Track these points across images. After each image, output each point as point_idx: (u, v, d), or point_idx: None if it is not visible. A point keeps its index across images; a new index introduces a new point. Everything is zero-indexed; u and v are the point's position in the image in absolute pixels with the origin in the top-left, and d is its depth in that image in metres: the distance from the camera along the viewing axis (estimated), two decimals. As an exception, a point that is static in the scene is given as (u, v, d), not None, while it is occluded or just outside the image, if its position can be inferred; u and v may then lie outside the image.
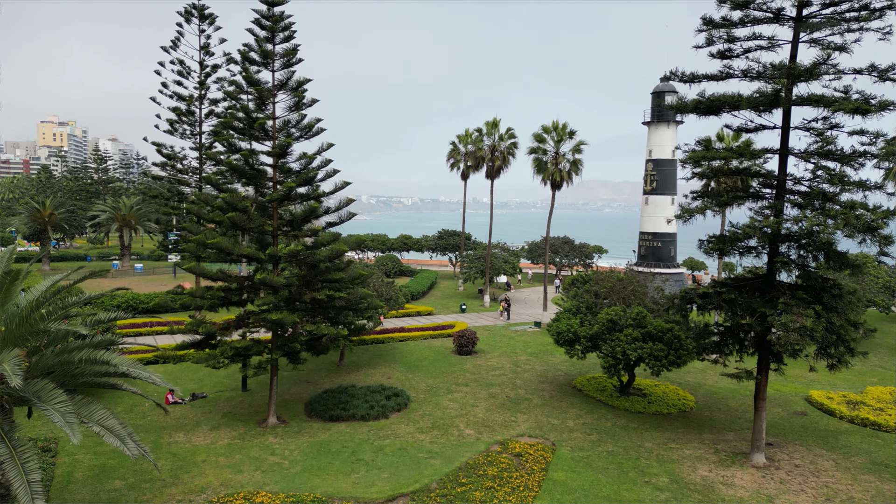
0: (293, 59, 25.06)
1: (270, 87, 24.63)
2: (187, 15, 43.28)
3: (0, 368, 11.17)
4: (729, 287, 22.33)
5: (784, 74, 19.28)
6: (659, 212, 54.82)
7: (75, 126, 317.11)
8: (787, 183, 21.66)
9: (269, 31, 24.71)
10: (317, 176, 24.72)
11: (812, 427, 26.32)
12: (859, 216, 19.07)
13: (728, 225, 22.64)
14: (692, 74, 22.91)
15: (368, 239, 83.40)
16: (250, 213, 23.38)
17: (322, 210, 24.59)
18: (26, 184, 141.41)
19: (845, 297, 20.82)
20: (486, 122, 54.05)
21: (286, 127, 25.16)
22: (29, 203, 69.90)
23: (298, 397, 28.52)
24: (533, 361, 35.61)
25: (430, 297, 57.18)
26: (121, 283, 60.51)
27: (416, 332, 40.29)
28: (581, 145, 45.81)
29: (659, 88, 55.01)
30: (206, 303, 23.44)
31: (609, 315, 26.56)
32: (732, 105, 20.83)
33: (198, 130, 44.56)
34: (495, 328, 44.63)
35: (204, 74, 43.82)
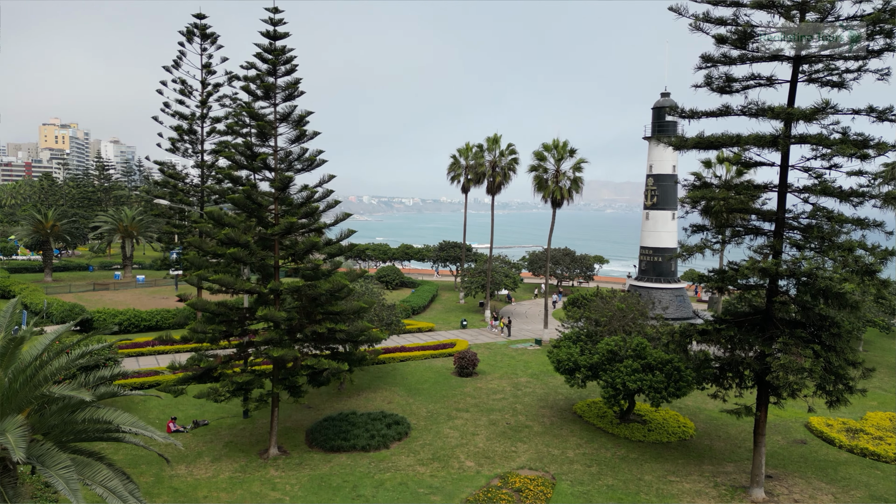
0: (295, 92, 25.19)
1: (272, 120, 24.75)
2: (189, 34, 43.43)
3: (3, 440, 11.27)
4: (728, 323, 22.41)
5: (783, 118, 19.36)
6: (660, 227, 54.89)
7: (77, 128, 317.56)
8: (787, 217, 21.81)
9: (272, 64, 24.84)
10: (318, 208, 24.84)
11: (811, 457, 26.39)
12: (858, 258, 19.17)
13: (727, 262, 22.74)
14: (692, 111, 23.06)
15: (370, 248, 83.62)
16: (252, 247, 23.49)
17: (323, 242, 24.70)
18: (28, 189, 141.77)
19: (844, 336, 20.90)
20: (487, 138, 54.21)
21: (288, 159, 25.28)
22: (31, 214, 70.03)
23: (299, 424, 28.63)
24: (533, 384, 35.70)
25: (430, 311, 57.30)
26: (123, 296, 60.61)
27: (417, 352, 40.39)
28: (581, 163, 45.92)
29: (659, 104, 55.06)
30: (207, 336, 23.55)
31: (609, 345, 26.65)
32: (732, 144, 20.91)
33: (200, 149, 44.72)
34: (496, 346, 44.74)
35: (206, 93, 43.98)
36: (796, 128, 20.87)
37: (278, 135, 25.11)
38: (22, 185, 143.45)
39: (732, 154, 23.87)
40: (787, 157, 20.64)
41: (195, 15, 43.40)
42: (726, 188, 21.46)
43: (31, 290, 53.80)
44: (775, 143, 19.43)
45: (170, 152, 44.37)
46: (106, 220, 73.58)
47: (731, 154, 26.99)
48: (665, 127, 54.66)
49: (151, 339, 41.59)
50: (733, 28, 21.64)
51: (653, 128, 55.33)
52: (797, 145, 20.92)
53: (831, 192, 19.65)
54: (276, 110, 24.98)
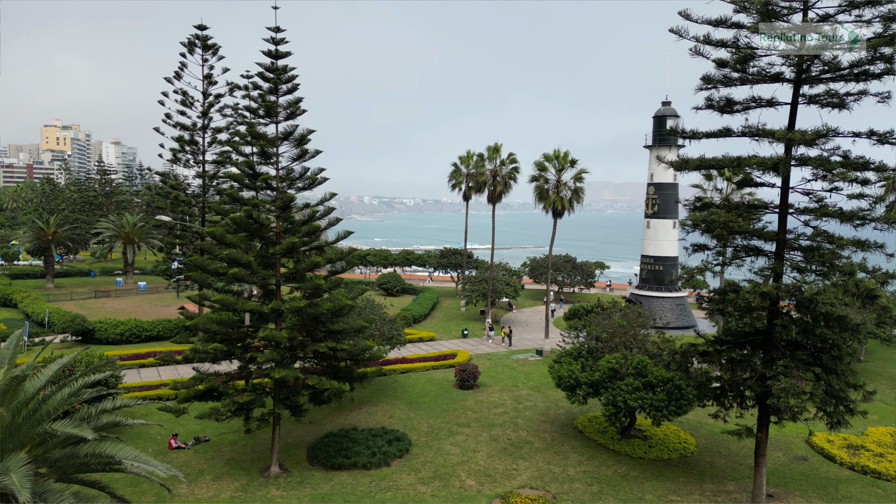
0: (297, 111, 25.26)
1: (274, 139, 24.80)
2: (190, 45, 43.51)
3: (7, 480, 11.32)
4: (729, 344, 22.44)
5: (783, 142, 19.41)
6: (661, 235, 54.92)
7: (79, 130, 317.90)
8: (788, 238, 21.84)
9: (274, 83, 24.91)
10: (320, 227, 24.90)
11: (812, 475, 26.41)
12: (859, 282, 19.20)
13: (727, 282, 22.77)
14: (692, 132, 23.12)
15: (370, 254, 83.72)
16: (253, 266, 23.57)
17: (324, 262, 24.76)
18: (30, 193, 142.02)
19: (844, 359, 20.94)
20: (488, 147, 54.28)
21: (289, 176, 25.34)
22: (33, 221, 70.18)
23: (300, 440, 28.68)
24: (534, 397, 35.73)
25: (432, 320, 57.35)
26: (124, 303, 60.71)
27: (418, 364, 40.45)
28: (582, 173, 45.95)
29: (660, 112, 55.11)
30: (208, 356, 23.61)
31: (610, 363, 26.69)
32: (733, 166, 20.95)
33: (201, 159, 44.80)
34: (497, 357, 44.77)
35: (207, 104, 44.05)
36: (797, 150, 20.95)
37: (280, 153, 25.17)
38: (24, 189, 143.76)
39: (733, 174, 24.03)
40: (788, 180, 20.67)
41: (196, 26, 43.49)
42: (727, 209, 21.49)
43: (32, 298, 53.90)
44: (776, 168, 19.46)
45: (171, 163, 44.45)
46: (107, 227, 73.70)
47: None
48: (666, 136, 54.67)
49: (153, 351, 41.74)
50: (734, 51, 21.74)
51: (653, 137, 55.38)
52: (798, 168, 20.99)
53: (832, 213, 19.68)
54: (277, 130, 25.04)
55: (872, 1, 18.78)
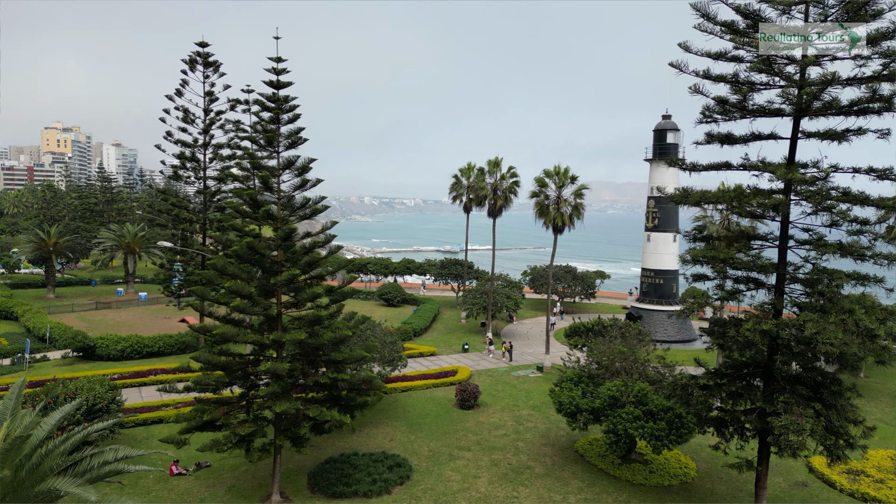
0: (298, 140, 25.32)
1: (275, 168, 24.85)
2: (191, 63, 43.56)
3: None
4: (730, 377, 22.49)
5: (784, 182, 19.46)
6: (661, 249, 54.95)
7: (79, 132, 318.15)
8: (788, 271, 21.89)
9: (275, 112, 24.97)
10: (321, 256, 24.96)
11: (812, 502, 26.44)
12: (859, 321, 19.24)
13: (728, 313, 22.81)
14: (692, 164, 23.20)
15: (371, 263, 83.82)
16: (255, 297, 23.63)
17: (325, 291, 24.81)
18: (30, 197, 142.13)
19: (844, 394, 20.99)
20: (489, 161, 54.34)
21: (290, 204, 25.39)
22: (34, 231, 70.29)
23: (301, 466, 28.74)
24: (535, 417, 35.77)
25: (432, 332, 57.40)
26: (125, 315, 60.79)
27: (418, 381, 40.49)
28: (583, 189, 45.99)
29: (660, 126, 55.15)
30: (209, 388, 23.68)
31: (611, 391, 26.74)
32: (733, 201, 20.99)
33: (202, 175, 44.87)
34: (497, 373, 44.82)
35: (208, 121, 44.11)
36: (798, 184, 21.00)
37: (281, 182, 25.22)
38: (24, 194, 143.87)
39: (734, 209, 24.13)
40: (788, 217, 20.71)
41: (198, 43, 43.54)
42: (727, 242, 21.54)
43: (34, 311, 53.97)
44: (776, 208, 19.52)
45: (173, 179, 44.49)
46: (108, 237, 73.76)
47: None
48: (666, 149, 54.75)
49: (154, 368, 41.81)
50: (734, 85, 21.81)
51: (654, 150, 55.41)
52: (798, 204, 21.04)
53: (831, 249, 19.72)
54: (279, 160, 25.10)
55: (872, 41, 18.82)
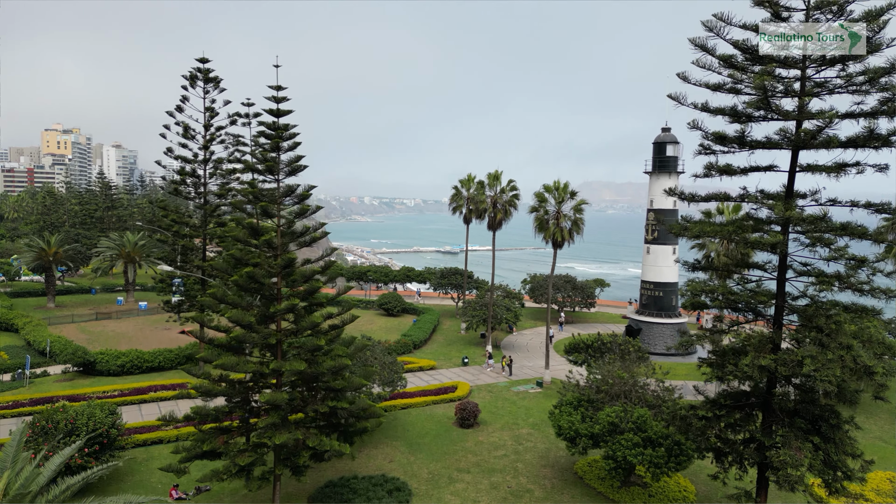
0: (298, 168, 25.39)
1: (275, 197, 24.91)
2: (192, 79, 43.62)
3: None
4: (728, 408, 22.56)
5: (781, 221, 19.53)
6: (660, 261, 54.99)
7: (79, 134, 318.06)
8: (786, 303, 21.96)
9: (276, 140, 25.04)
10: (321, 283, 25.02)
11: (811, 528, 26.49)
12: (857, 357, 19.31)
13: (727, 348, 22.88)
14: (691, 195, 23.37)
15: (371, 271, 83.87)
16: (254, 326, 23.69)
17: (324, 318, 24.87)
18: (30, 202, 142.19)
19: (843, 427, 21.06)
20: (489, 174, 54.45)
21: (290, 231, 25.44)
22: (35, 241, 70.35)
23: (301, 490, 28.80)
24: (535, 436, 35.82)
25: (432, 344, 57.45)
26: (125, 326, 60.84)
27: (418, 399, 40.52)
28: (582, 204, 46.11)
29: (660, 139, 55.19)
30: (210, 416, 23.74)
31: (610, 417, 26.80)
32: (732, 234, 21.07)
33: (203, 191, 44.93)
34: (497, 388, 44.88)
35: (209, 137, 44.16)
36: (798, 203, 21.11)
37: (281, 209, 25.28)
38: (24, 198, 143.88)
39: (732, 206, 24.30)
40: (786, 253, 20.77)
41: (199, 59, 43.58)
42: (726, 273, 21.60)
43: (34, 324, 54.01)
44: (774, 248, 19.59)
45: (173, 195, 44.54)
46: (108, 245, 73.82)
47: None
48: (666, 162, 54.80)
49: (154, 384, 41.88)
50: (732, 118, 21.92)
51: (653, 163, 55.45)
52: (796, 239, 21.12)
53: (830, 283, 19.79)
54: (279, 186, 25.15)
55: (871, 78, 18.89)
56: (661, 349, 53.60)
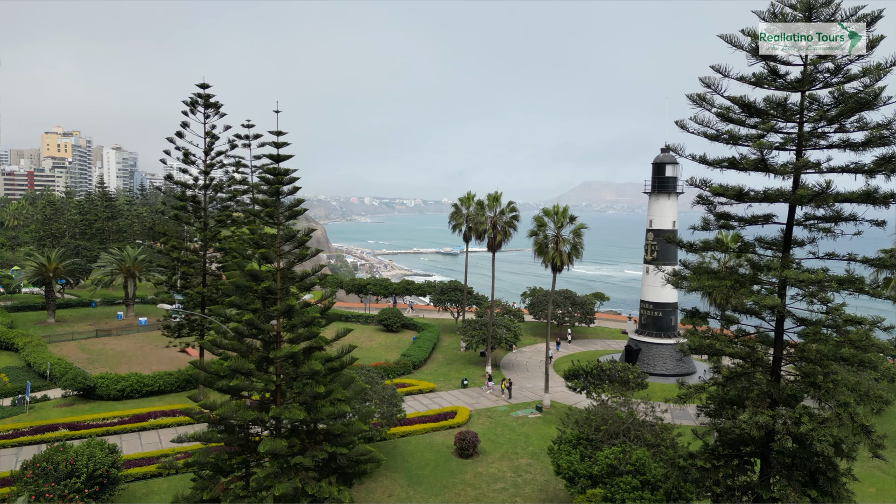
0: (298, 213, 25.50)
1: (276, 243, 25.00)
2: (192, 104, 43.70)
3: None
4: (726, 458, 22.64)
5: (779, 280, 19.62)
6: (660, 282, 54.95)
7: (79, 136, 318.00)
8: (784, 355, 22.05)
9: (276, 185, 25.15)
10: (322, 327, 25.13)
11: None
12: (854, 416, 19.40)
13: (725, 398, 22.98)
14: (689, 243, 23.48)
15: (370, 284, 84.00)
16: (254, 373, 23.79)
17: (324, 361, 24.97)
18: (30, 209, 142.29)
19: (840, 480, 21.16)
20: (488, 195, 54.59)
21: (290, 275, 25.53)
22: (35, 256, 70.48)
23: (301, 527, 28.87)
24: (534, 467, 35.91)
25: (431, 364, 57.54)
26: (125, 344, 60.92)
27: (417, 426, 40.56)
28: (581, 229, 46.25)
29: (659, 160, 55.27)
30: (208, 465, 23.84)
31: (609, 459, 26.88)
32: (731, 291, 21.16)
33: (203, 216, 45.01)
34: (497, 413, 44.96)
35: (208, 163, 44.23)
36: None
37: (281, 254, 25.36)
38: (24, 205, 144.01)
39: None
40: (784, 314, 20.83)
41: (199, 85, 43.67)
42: (727, 341, 21.72)
43: (34, 344, 54.06)
44: (773, 309, 19.69)
45: (174, 220, 44.64)
46: (109, 260, 73.91)
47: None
48: (665, 183, 54.88)
49: (154, 411, 41.97)
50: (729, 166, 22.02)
51: (653, 183, 55.53)
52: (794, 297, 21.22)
53: (828, 346, 19.87)
54: (279, 231, 25.24)
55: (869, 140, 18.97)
56: (661, 370, 53.72)
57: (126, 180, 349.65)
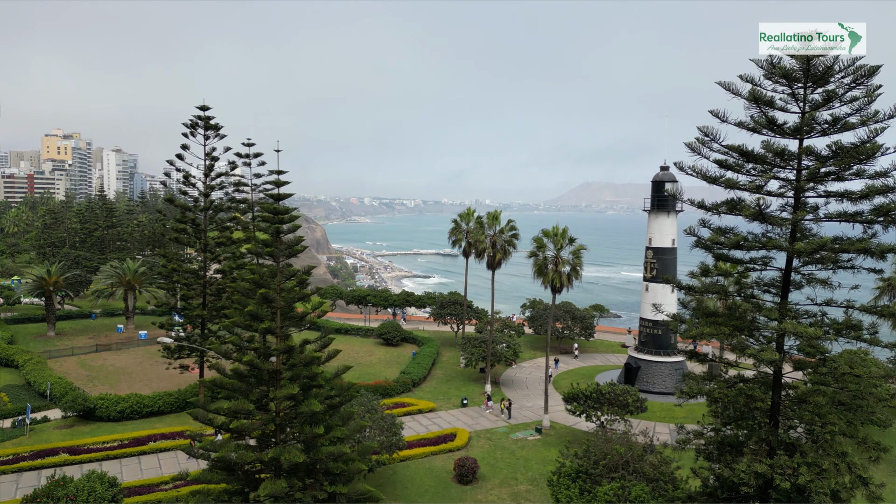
0: (297, 251, 25.59)
1: (277, 282, 25.08)
2: (192, 127, 43.79)
3: None
4: (724, 500, 22.75)
5: (777, 333, 19.71)
6: (659, 299, 55.04)
7: (79, 139, 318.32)
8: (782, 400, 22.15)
9: (276, 225, 25.25)
10: (321, 371, 25.21)
11: None
12: (852, 466, 19.51)
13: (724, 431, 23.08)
14: (689, 286, 23.62)
15: (370, 295, 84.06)
16: (253, 412, 23.89)
17: (324, 399, 25.06)
18: (30, 215, 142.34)
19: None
20: (488, 214, 54.69)
21: (290, 316, 25.62)
22: (36, 272, 70.57)
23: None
24: (533, 494, 35.96)
25: (431, 380, 57.58)
26: (125, 360, 60.99)
27: (416, 450, 40.60)
28: (581, 250, 46.33)
29: (658, 178, 55.35)
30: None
31: (608, 496, 26.95)
32: (731, 342, 21.30)
33: (202, 238, 45.10)
34: (496, 434, 45.03)
35: (208, 186, 44.31)
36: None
37: (281, 293, 25.44)
38: (24, 211, 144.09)
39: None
40: (782, 367, 20.94)
41: (199, 107, 43.78)
42: (724, 387, 21.84)
43: (34, 362, 54.08)
44: (772, 362, 19.79)
45: (174, 242, 44.72)
46: (108, 273, 73.98)
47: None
48: (664, 201, 54.93)
49: (154, 434, 42.02)
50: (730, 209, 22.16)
51: (652, 201, 55.60)
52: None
53: (825, 397, 19.99)
54: (279, 270, 25.32)
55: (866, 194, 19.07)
56: (661, 388, 53.79)
57: (126, 182, 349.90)
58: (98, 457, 38.72)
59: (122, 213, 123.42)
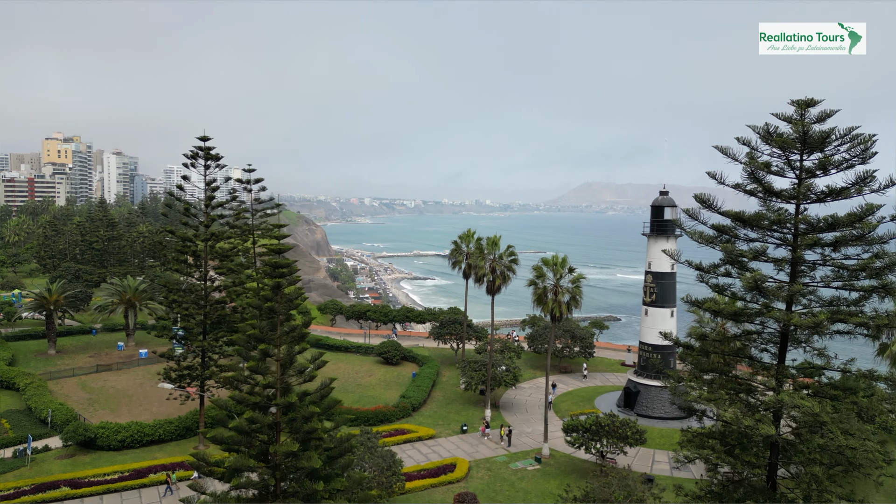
0: (298, 304, 25.75)
1: (277, 339, 25.26)
2: (193, 157, 43.96)
3: None
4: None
5: (774, 378, 19.91)
6: (658, 324, 55.24)
7: (80, 142, 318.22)
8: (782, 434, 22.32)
9: (278, 278, 25.40)
10: (319, 426, 25.37)
11: None
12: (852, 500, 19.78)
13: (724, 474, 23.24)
14: (686, 343, 23.76)
15: (370, 311, 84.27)
16: (254, 466, 24.07)
17: (322, 454, 25.22)
18: (31, 224, 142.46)
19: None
20: (488, 239, 54.86)
21: (291, 364, 25.78)
22: (37, 290, 70.77)
23: None
24: (531, 531, 36.18)
25: (431, 404, 57.69)
26: (125, 381, 61.14)
27: (416, 482, 40.74)
28: (580, 279, 46.48)
29: (658, 202, 55.52)
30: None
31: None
32: (727, 403, 21.46)
33: (203, 266, 45.26)
34: (495, 465, 45.16)
35: (209, 216, 44.44)
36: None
37: (282, 344, 25.60)
38: (24, 220, 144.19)
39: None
40: (779, 436, 21.10)
41: (200, 137, 43.98)
42: (721, 438, 21.99)
43: (35, 386, 54.21)
44: (768, 439, 19.96)
45: (175, 272, 44.88)
46: (109, 290, 74.15)
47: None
48: (664, 225, 55.08)
49: (154, 465, 42.18)
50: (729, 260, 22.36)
51: (651, 226, 55.75)
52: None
53: (821, 464, 20.15)
54: (280, 324, 25.47)
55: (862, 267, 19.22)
56: (660, 413, 53.98)
57: (126, 185, 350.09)
58: (99, 490, 38.89)
59: (122, 222, 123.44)
